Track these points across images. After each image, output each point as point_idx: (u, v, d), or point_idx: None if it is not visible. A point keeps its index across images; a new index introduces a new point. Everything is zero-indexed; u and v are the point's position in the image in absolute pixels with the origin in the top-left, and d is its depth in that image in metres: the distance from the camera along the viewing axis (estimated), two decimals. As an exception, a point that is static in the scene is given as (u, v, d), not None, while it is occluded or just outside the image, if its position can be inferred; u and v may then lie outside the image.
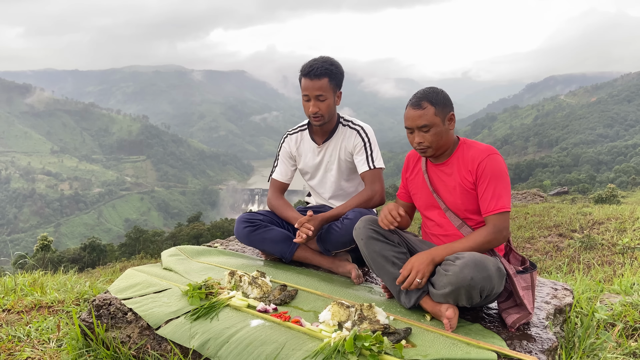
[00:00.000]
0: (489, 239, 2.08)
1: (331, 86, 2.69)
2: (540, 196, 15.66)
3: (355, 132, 2.84)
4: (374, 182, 2.74)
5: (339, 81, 2.73)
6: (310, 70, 2.64)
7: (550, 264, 5.73)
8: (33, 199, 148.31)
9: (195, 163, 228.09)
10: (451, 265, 1.98)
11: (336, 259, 2.76)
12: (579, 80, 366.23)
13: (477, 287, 1.93)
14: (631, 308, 2.68)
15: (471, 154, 2.20)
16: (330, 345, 1.82)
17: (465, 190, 2.20)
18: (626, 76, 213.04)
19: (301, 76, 2.70)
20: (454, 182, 2.23)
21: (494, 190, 2.11)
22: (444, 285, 1.98)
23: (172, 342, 2.06)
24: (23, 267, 8.60)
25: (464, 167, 2.21)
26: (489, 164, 2.13)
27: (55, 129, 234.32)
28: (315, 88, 2.64)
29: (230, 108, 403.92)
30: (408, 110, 2.20)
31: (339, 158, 2.89)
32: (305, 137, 2.97)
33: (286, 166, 3.03)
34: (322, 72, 2.63)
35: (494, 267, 1.96)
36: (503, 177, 2.13)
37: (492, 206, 2.10)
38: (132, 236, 34.46)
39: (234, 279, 2.42)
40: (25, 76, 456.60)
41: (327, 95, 2.68)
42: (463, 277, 1.92)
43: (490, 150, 2.18)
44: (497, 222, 2.09)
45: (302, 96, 2.71)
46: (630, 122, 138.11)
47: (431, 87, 2.21)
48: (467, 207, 2.22)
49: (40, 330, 2.60)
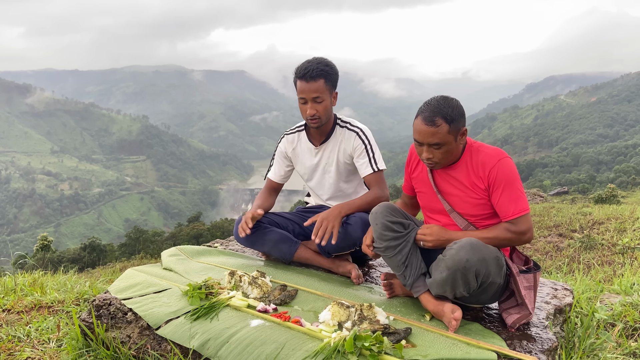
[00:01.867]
0: (509, 237, 2.08)
1: (327, 87, 2.66)
2: (540, 196, 15.67)
3: (354, 134, 2.82)
4: (379, 184, 2.73)
5: (334, 82, 2.71)
6: (306, 72, 2.60)
7: (550, 264, 5.72)
8: (33, 199, 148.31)
9: (195, 163, 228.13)
10: (449, 250, 2.00)
11: (336, 259, 2.76)
12: (579, 80, 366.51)
13: (472, 270, 1.93)
14: (631, 308, 2.68)
15: (481, 159, 2.14)
16: (330, 345, 1.82)
17: (475, 195, 2.16)
18: (626, 76, 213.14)
19: (296, 79, 2.67)
20: (461, 186, 2.19)
21: (510, 195, 2.08)
22: (442, 271, 2.00)
23: (172, 342, 2.06)
24: (23, 267, 8.60)
25: (473, 172, 2.16)
26: (501, 169, 2.10)
27: (55, 129, 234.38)
28: (311, 90, 2.62)
29: (230, 108, 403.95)
30: (419, 124, 2.08)
31: (338, 160, 2.87)
32: (303, 138, 2.95)
33: (280, 166, 3.03)
34: (318, 74, 2.60)
35: (491, 253, 1.98)
36: (516, 180, 2.11)
37: (511, 211, 2.08)
38: (132, 236, 34.45)
39: (234, 279, 2.42)
40: (25, 76, 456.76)
41: (324, 97, 2.65)
42: (459, 259, 1.93)
43: (499, 154, 2.13)
44: (519, 224, 2.08)
45: (299, 99, 2.68)
46: (630, 122, 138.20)
47: (445, 97, 2.10)
48: (475, 212, 2.19)
49: (40, 330, 2.60)
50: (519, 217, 2.08)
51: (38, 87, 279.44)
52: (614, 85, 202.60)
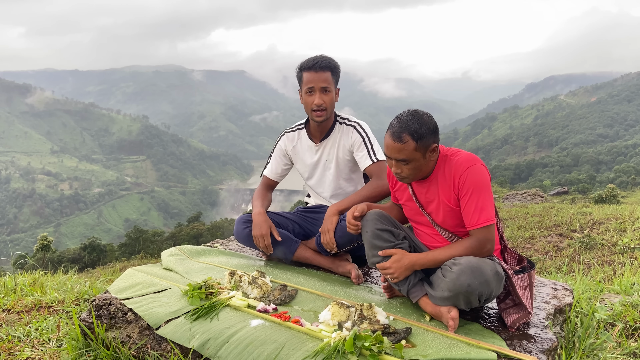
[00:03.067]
0: (472, 252, 2.04)
1: (333, 80, 2.73)
2: (540, 196, 15.67)
3: (352, 128, 2.84)
4: (380, 174, 2.71)
5: (338, 78, 2.79)
6: (315, 63, 2.67)
7: (550, 264, 5.72)
8: (33, 199, 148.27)
9: (195, 163, 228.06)
10: (448, 272, 1.97)
11: (336, 258, 2.76)
12: (579, 80, 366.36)
13: (474, 293, 1.93)
14: (631, 308, 2.68)
15: (453, 168, 2.09)
16: (330, 345, 1.82)
17: (450, 208, 2.12)
18: (626, 76, 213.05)
19: (302, 70, 2.72)
20: (437, 199, 2.15)
21: (476, 203, 2.03)
22: (442, 290, 1.98)
23: (172, 342, 2.06)
24: (23, 267, 8.60)
25: (445, 183, 2.11)
26: (470, 176, 2.04)
27: (55, 129, 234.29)
28: (321, 80, 2.67)
29: (230, 108, 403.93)
30: (388, 139, 2.06)
31: (337, 156, 2.88)
32: (303, 136, 2.96)
33: (278, 164, 3.04)
34: (326, 66, 2.68)
35: (491, 271, 1.95)
36: (485, 189, 2.04)
37: (475, 220, 2.03)
38: (132, 236, 34.41)
39: (234, 279, 2.42)
40: (25, 76, 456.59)
41: (331, 89, 2.71)
42: (460, 284, 1.91)
43: (470, 161, 2.07)
44: (481, 235, 2.04)
45: (305, 90, 2.70)
46: (630, 122, 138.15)
47: (415, 113, 2.05)
48: (455, 223, 2.15)
49: (40, 330, 2.60)
50: (481, 228, 2.03)
51: (38, 87, 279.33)
52: (614, 85, 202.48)
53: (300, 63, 2.75)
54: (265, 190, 3.05)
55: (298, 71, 2.75)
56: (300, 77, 2.74)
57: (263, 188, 3.05)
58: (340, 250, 2.69)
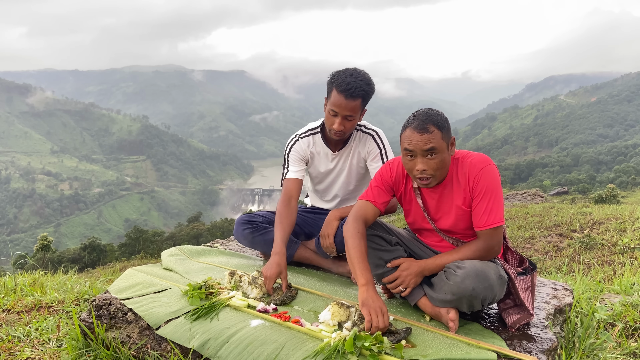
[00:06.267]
0: (480, 255, 2.04)
1: (361, 106, 2.58)
2: (540, 196, 15.65)
3: (369, 136, 2.77)
4: None
5: (368, 101, 2.62)
6: (348, 88, 2.47)
7: (550, 264, 5.72)
8: (33, 199, 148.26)
9: (195, 163, 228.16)
10: (452, 275, 1.96)
11: (336, 259, 2.76)
12: (579, 80, 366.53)
13: (478, 297, 1.93)
14: (631, 308, 2.68)
15: (466, 170, 2.08)
16: (330, 345, 1.82)
17: (463, 210, 2.10)
18: (626, 76, 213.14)
19: (334, 88, 2.53)
20: (450, 203, 2.12)
21: (487, 205, 2.03)
22: (445, 293, 1.97)
23: (172, 342, 2.06)
24: (23, 267, 8.60)
25: (459, 186, 2.10)
26: (483, 177, 2.03)
27: (55, 129, 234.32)
28: (347, 108, 2.51)
29: (230, 108, 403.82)
30: (411, 134, 2.00)
31: (351, 164, 2.83)
32: (318, 142, 2.86)
33: (300, 165, 2.87)
34: (359, 94, 2.49)
35: (495, 275, 1.95)
36: (497, 191, 2.04)
37: (483, 221, 2.03)
38: (132, 236, 34.42)
39: (234, 279, 2.42)
40: (25, 76, 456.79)
41: (356, 116, 2.58)
42: (464, 288, 1.91)
43: (483, 162, 2.06)
44: (490, 237, 2.03)
45: (330, 109, 2.56)
46: (630, 122, 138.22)
47: (431, 109, 2.07)
48: (466, 226, 2.13)
49: (40, 330, 2.60)
50: (489, 230, 2.02)
51: (38, 87, 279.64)
52: (614, 85, 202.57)
53: (334, 73, 2.57)
54: (289, 201, 2.73)
55: (329, 82, 2.57)
56: (330, 89, 2.57)
57: (287, 198, 2.74)
58: (339, 254, 2.70)
